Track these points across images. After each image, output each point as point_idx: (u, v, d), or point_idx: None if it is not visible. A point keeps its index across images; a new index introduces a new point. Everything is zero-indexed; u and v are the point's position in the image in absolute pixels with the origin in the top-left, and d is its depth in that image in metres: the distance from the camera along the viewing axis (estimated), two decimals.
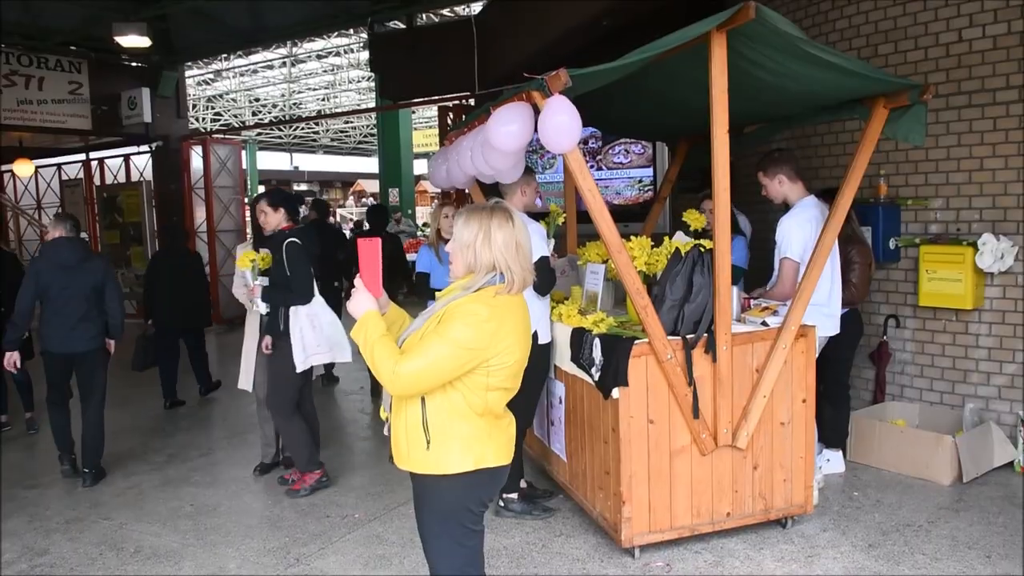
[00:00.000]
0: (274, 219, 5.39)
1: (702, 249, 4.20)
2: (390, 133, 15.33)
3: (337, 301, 7.39)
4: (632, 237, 4.63)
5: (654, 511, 4.22)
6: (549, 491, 5.16)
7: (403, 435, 2.77)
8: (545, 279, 4.50)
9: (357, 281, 2.73)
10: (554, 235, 5.14)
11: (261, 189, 30.84)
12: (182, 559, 4.58)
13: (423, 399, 2.69)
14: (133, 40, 10.72)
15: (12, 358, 5.81)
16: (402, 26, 12.37)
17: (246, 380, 5.78)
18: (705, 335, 4.14)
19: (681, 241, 4.48)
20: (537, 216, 4.86)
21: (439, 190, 7.77)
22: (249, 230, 7.77)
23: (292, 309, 5.29)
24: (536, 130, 3.73)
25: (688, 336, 4.12)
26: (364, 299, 2.73)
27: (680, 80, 4.58)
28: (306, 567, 4.40)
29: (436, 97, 11.53)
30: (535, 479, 5.30)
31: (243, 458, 6.28)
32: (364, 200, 36.85)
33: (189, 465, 6.23)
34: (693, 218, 5.17)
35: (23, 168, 15.38)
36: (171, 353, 8.24)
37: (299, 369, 5.29)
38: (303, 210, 8.13)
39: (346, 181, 41.90)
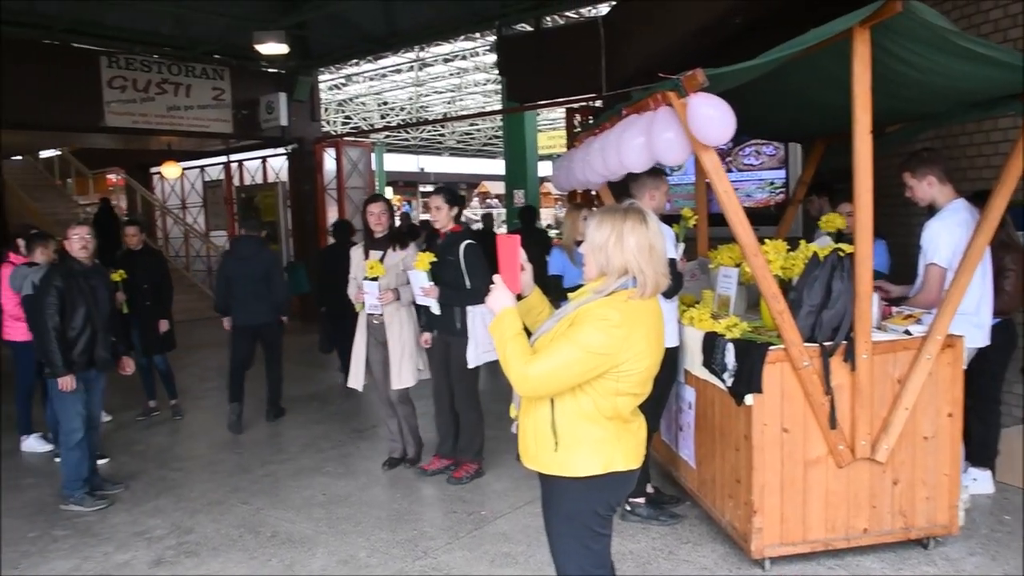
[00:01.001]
0: (446, 217, 5.53)
1: (841, 253, 4.05)
2: (515, 135, 15.38)
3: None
4: (766, 240, 4.50)
5: (786, 523, 4.09)
6: (676, 497, 5.08)
7: (531, 435, 2.78)
8: (671, 282, 4.42)
9: (496, 277, 2.75)
10: (684, 238, 5.05)
11: (388, 191, 31.63)
12: (315, 545, 4.74)
13: (552, 401, 2.69)
14: (272, 47, 11.18)
15: (229, 322, 7.51)
16: (529, 28, 12.44)
17: (356, 379, 5.87)
18: (844, 342, 3.99)
19: (820, 245, 4.32)
20: (668, 219, 4.78)
21: (564, 192, 7.78)
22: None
23: (469, 308, 5.44)
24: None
25: (826, 343, 3.98)
26: (502, 295, 2.74)
27: (817, 78, 4.42)
28: (433, 560, 4.47)
29: (562, 99, 11.53)
30: (661, 484, 5.23)
31: (372, 451, 6.45)
32: (488, 201, 37.24)
33: (322, 456, 6.45)
34: (833, 223, 4.97)
35: (170, 170, 16.32)
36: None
37: (471, 365, 5.49)
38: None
39: (471, 183, 42.47)
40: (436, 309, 5.47)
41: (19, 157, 19.48)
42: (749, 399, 4.00)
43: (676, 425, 5.12)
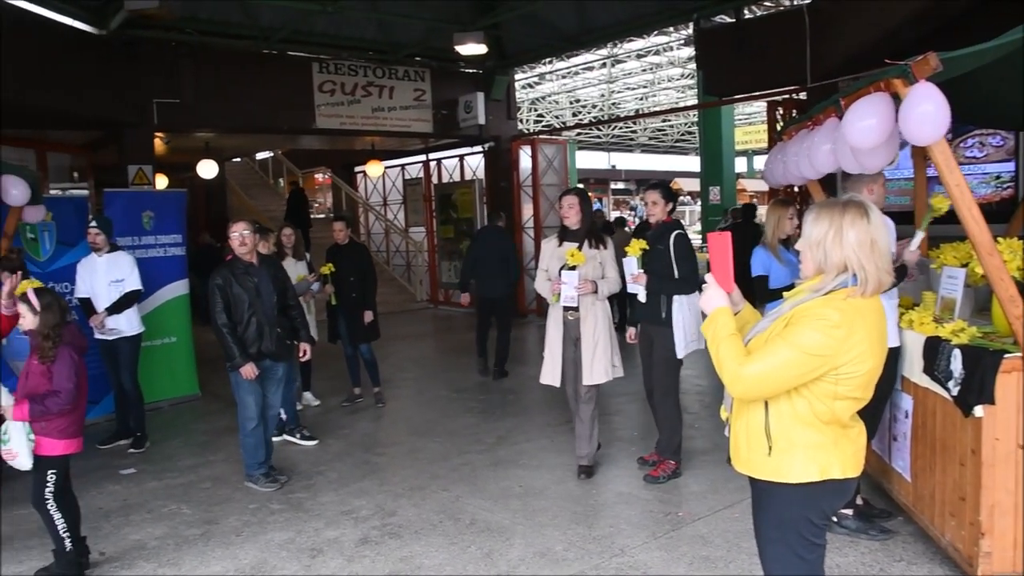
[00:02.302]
0: (662, 211, 5.61)
1: None
2: (711, 130, 15.05)
3: None
4: (999, 239, 4.13)
5: (1020, 549, 3.74)
6: (887, 511, 4.77)
7: (743, 438, 2.70)
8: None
9: (708, 276, 2.68)
10: (929, 224, 4.71)
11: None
12: (512, 535, 4.82)
13: (766, 403, 2.59)
14: (471, 48, 11.47)
15: (465, 299, 9.36)
16: (729, 20, 12.10)
17: (552, 375, 5.73)
18: None
19: None
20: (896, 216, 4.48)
21: (762, 189, 7.54)
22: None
23: (676, 297, 5.43)
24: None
25: None
26: (715, 294, 2.68)
27: None
28: (630, 559, 4.43)
29: (763, 92, 11.14)
30: (871, 497, 4.93)
31: (566, 446, 6.47)
32: (681, 198, 36.66)
33: (516, 448, 6.55)
34: None
35: (374, 169, 17.11)
36: None
37: (680, 355, 5.46)
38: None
39: (663, 179, 42.06)
40: (643, 297, 5.46)
41: (238, 159, 21.06)
42: (978, 411, 3.68)
43: (890, 434, 4.81)
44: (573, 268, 5.53)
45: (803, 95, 10.17)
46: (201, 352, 9.25)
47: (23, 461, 4.29)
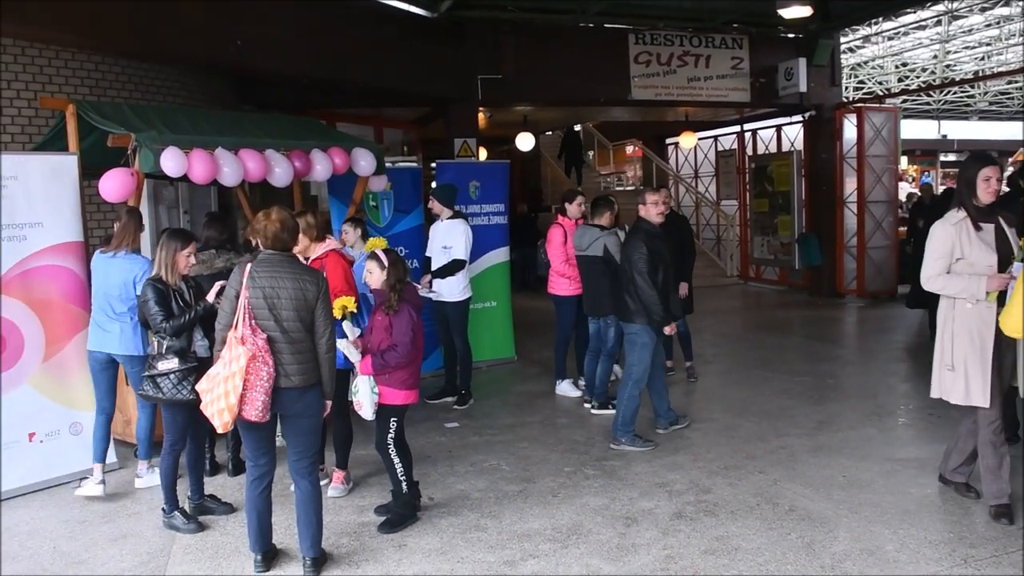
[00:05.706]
0: None
1: None
2: None
3: None
4: None
5: None
6: None
7: None
8: None
9: None
10: None
11: (904, 160, 29.30)
12: (836, 528, 4.54)
13: None
14: (795, 11, 10.86)
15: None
16: None
17: (982, 390, 4.54)
18: None
19: None
20: None
21: None
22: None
23: None
24: None
25: None
26: None
27: None
28: (975, 571, 4.00)
29: None
30: None
31: (893, 439, 6.06)
32: None
33: (839, 436, 6.15)
34: None
35: (687, 140, 16.86)
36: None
37: None
38: None
39: (1004, 150, 37.35)
40: None
41: (550, 132, 21.70)
42: None
43: None
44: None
45: None
46: (517, 317, 9.63)
47: (367, 412, 4.71)
